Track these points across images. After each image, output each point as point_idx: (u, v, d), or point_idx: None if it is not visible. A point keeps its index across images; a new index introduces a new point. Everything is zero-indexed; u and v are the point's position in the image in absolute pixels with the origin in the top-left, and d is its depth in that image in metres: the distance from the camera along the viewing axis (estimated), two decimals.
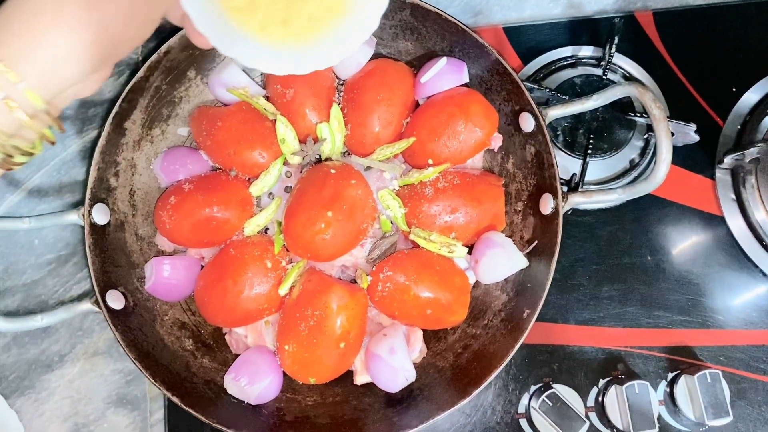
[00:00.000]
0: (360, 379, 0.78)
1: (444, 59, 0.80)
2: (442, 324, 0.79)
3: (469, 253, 0.80)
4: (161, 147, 0.84)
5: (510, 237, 0.79)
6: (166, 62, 0.79)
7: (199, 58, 0.82)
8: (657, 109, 0.69)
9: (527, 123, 0.77)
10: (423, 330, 0.81)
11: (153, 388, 0.87)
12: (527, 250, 0.78)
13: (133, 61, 0.96)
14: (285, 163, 0.82)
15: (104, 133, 0.77)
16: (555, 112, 0.75)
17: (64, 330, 0.89)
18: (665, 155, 0.69)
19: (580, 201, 0.74)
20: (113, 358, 0.88)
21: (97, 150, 0.77)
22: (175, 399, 0.71)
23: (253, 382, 0.75)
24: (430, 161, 0.81)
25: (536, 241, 0.77)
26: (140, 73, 0.78)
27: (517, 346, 0.72)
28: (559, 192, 0.73)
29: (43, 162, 0.95)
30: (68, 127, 0.94)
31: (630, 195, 0.72)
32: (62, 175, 0.94)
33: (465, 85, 0.82)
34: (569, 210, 0.76)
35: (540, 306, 0.72)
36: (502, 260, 0.77)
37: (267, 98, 0.83)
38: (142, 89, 0.79)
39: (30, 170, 0.94)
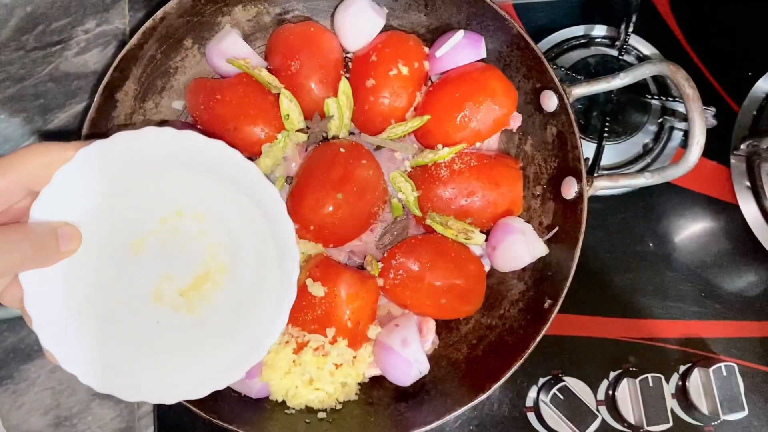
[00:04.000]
0: (369, 372, 0.74)
1: (461, 32, 0.76)
2: (456, 314, 0.76)
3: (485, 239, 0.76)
4: (154, 121, 0.79)
5: (528, 224, 0.76)
6: (162, 29, 0.74)
7: (196, 26, 0.77)
8: (690, 89, 0.65)
9: (549, 102, 0.73)
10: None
11: None
12: (547, 237, 0.74)
13: (120, 31, 0.91)
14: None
15: (94, 104, 0.71)
16: (580, 91, 0.71)
17: None
18: (698, 137, 0.65)
19: (605, 185, 0.70)
20: None
21: (87, 122, 0.71)
22: None
23: (254, 375, 0.71)
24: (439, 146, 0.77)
25: (557, 228, 0.74)
26: (134, 40, 0.72)
27: (538, 338, 0.68)
28: (584, 175, 0.69)
29: (22, 137, 0.89)
30: (49, 100, 0.88)
31: (660, 180, 0.69)
32: None
33: (482, 60, 0.78)
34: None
35: (563, 296, 0.69)
36: (522, 247, 0.73)
37: (270, 70, 0.78)
38: (135, 58, 0.73)
39: (9, 146, 0.89)
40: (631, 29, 0.88)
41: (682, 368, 0.84)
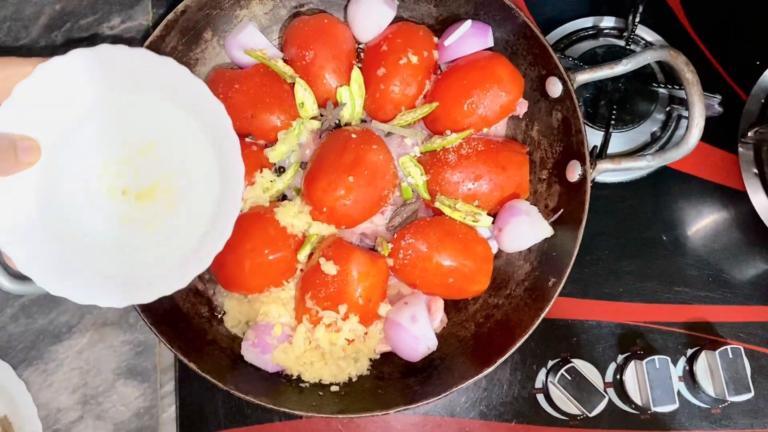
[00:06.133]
0: (379, 348, 0.76)
1: (468, 22, 0.78)
2: (464, 293, 0.78)
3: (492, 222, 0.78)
4: None
5: (534, 206, 0.78)
6: (183, 22, 0.77)
7: (216, 19, 0.80)
8: (690, 73, 0.67)
9: (554, 88, 0.75)
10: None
11: (163, 359, 0.86)
12: (552, 219, 0.76)
13: (144, 27, 0.94)
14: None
15: None
16: (583, 77, 0.73)
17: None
18: (698, 120, 0.67)
19: (608, 167, 0.72)
20: (122, 329, 0.87)
21: None
22: (191, 365, 0.69)
23: (269, 350, 0.73)
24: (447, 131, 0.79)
25: (562, 210, 0.76)
26: (156, 32, 0.75)
27: (543, 315, 0.70)
28: (587, 158, 0.71)
29: None
30: None
31: (660, 162, 0.70)
32: None
33: (489, 49, 0.80)
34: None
35: (567, 274, 0.71)
36: (527, 228, 0.75)
37: (285, 61, 0.81)
38: (158, 50, 0.75)
39: None
40: (638, 19, 0.90)
41: (690, 351, 0.85)
